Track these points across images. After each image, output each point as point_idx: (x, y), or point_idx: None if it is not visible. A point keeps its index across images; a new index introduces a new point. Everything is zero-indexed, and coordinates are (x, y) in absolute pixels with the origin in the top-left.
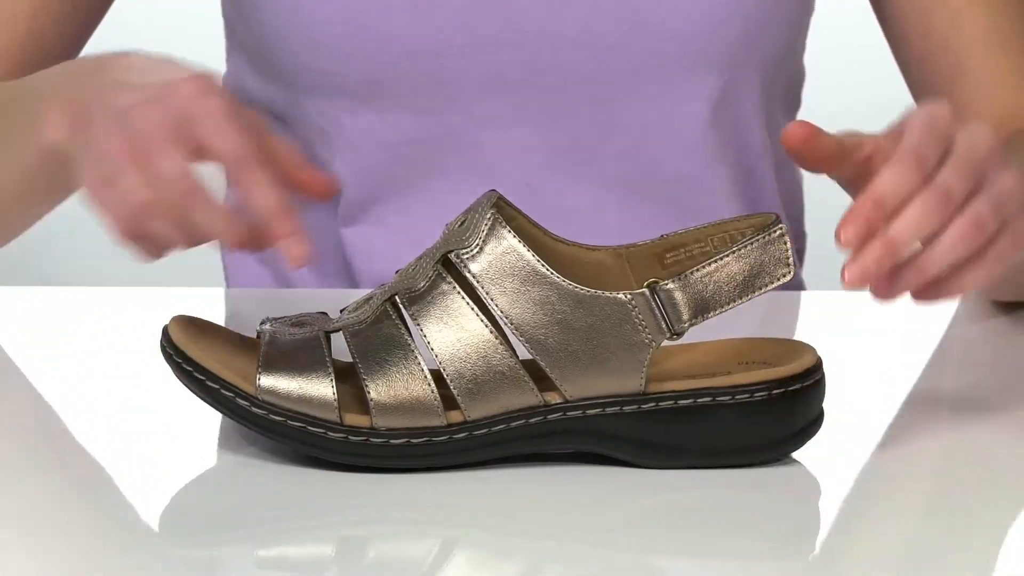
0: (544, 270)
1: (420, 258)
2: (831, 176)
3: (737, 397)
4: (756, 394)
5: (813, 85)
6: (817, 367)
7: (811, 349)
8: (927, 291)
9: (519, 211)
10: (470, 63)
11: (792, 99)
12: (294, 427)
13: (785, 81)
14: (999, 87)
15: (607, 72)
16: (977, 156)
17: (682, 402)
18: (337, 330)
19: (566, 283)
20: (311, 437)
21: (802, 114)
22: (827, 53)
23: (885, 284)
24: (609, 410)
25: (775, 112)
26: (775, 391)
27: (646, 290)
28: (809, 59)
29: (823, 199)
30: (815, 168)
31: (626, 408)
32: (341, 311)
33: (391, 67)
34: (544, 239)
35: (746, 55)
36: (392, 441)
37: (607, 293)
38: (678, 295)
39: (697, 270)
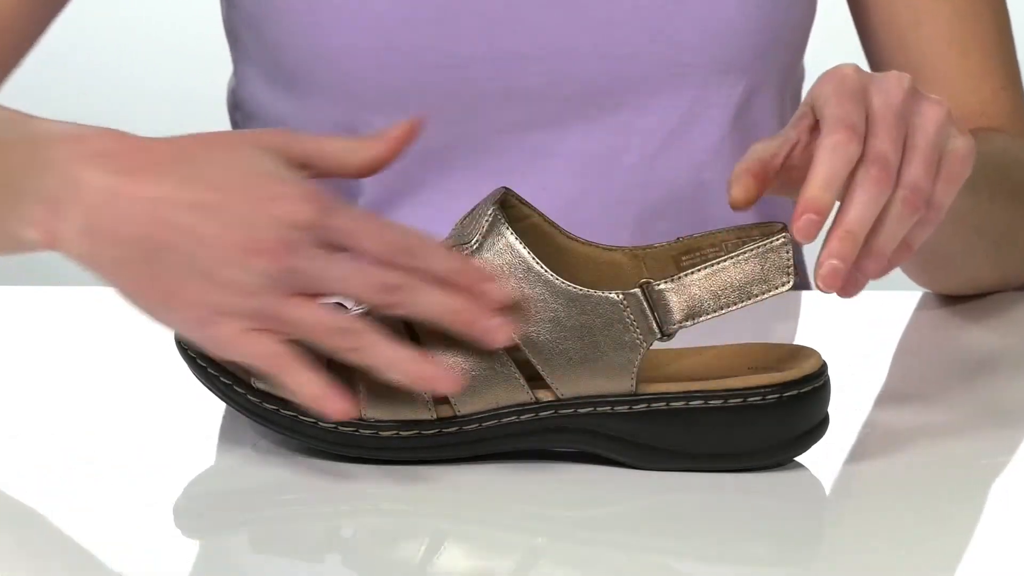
0: (538, 268)
1: None
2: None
3: (730, 401)
4: (750, 398)
5: (809, 82)
6: (818, 373)
7: (815, 355)
8: (886, 268)
9: (534, 209)
10: (490, 75)
11: (795, 99)
12: (286, 416)
13: (794, 83)
14: (955, 88)
15: (625, 83)
16: (895, 106)
17: (674, 404)
18: None
19: (559, 281)
20: (302, 426)
21: None
22: (823, 50)
23: (850, 281)
24: (600, 409)
25: (786, 114)
26: (770, 396)
27: (638, 290)
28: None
29: None
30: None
31: (617, 408)
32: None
33: (410, 80)
34: (559, 238)
35: (762, 61)
36: (381, 433)
37: (599, 292)
38: (670, 296)
39: (692, 273)
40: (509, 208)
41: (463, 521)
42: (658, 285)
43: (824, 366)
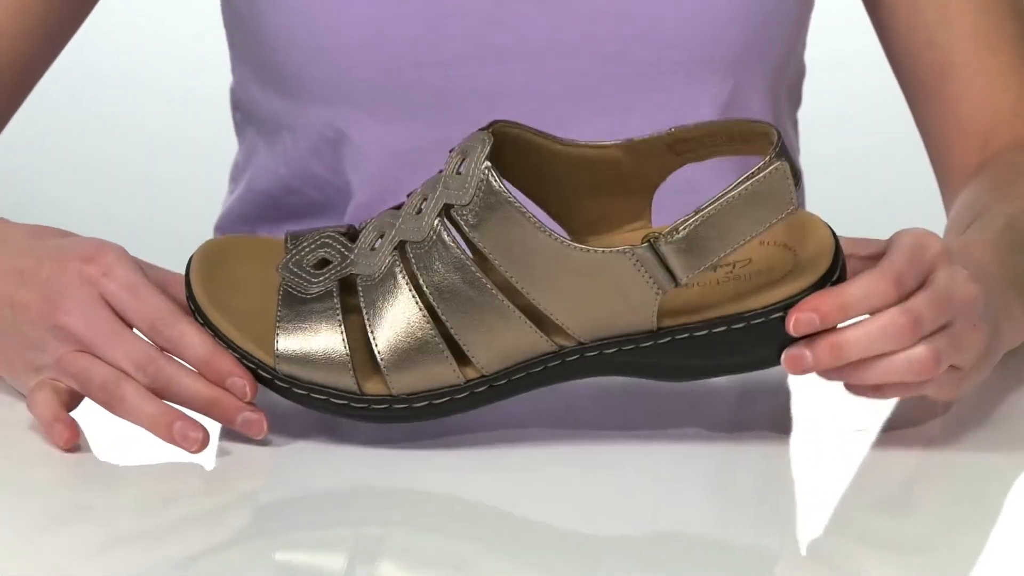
0: (545, 236)
1: (424, 197)
2: None
3: (753, 322)
4: (772, 315)
5: (812, 80)
6: (833, 267)
7: (825, 230)
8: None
9: (522, 126)
10: (477, 73)
11: (794, 96)
12: (317, 400)
13: (789, 79)
14: (987, 85)
15: (612, 80)
16: (954, 297)
17: (696, 334)
18: (351, 276)
19: (571, 246)
20: (334, 407)
21: (803, 110)
22: (825, 48)
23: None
24: (625, 348)
25: (781, 110)
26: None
27: (647, 246)
28: (807, 54)
29: (823, 198)
30: None
31: (642, 344)
32: (359, 230)
33: (397, 78)
34: (553, 146)
35: (751, 57)
36: (415, 405)
37: (610, 251)
38: (678, 249)
39: (695, 223)
40: (498, 145)
41: (485, 540)
42: (665, 243)
43: (838, 252)
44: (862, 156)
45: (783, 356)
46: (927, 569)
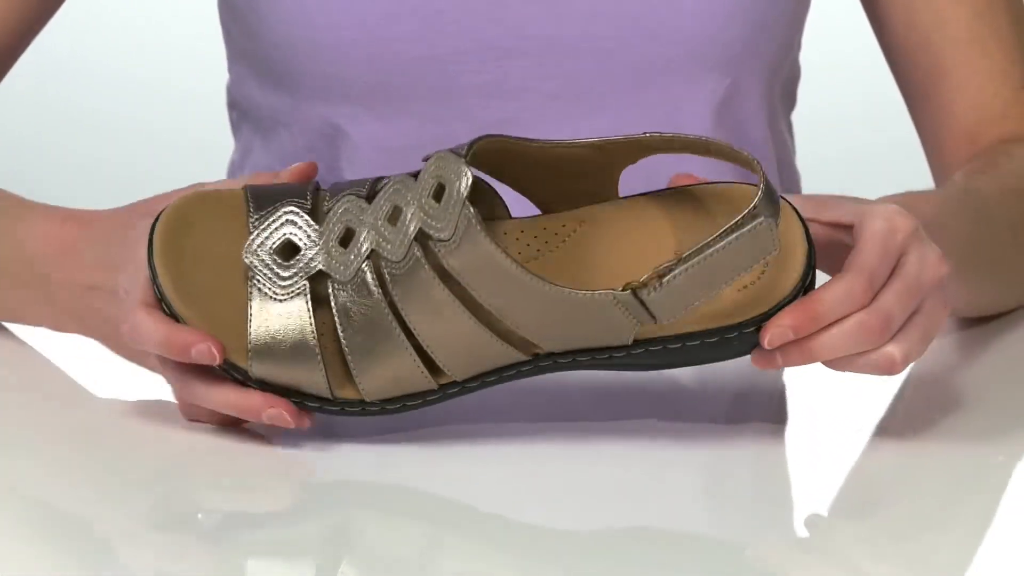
0: (521, 275)
1: (396, 205)
2: None
3: (727, 336)
4: (745, 330)
5: (809, 81)
6: (804, 276)
7: (801, 249)
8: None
9: (496, 136)
10: (474, 70)
11: (788, 97)
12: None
13: (784, 79)
14: (979, 90)
15: (609, 77)
16: (924, 282)
17: (671, 347)
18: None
19: (547, 286)
20: (306, 408)
21: (797, 111)
22: (820, 49)
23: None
24: (599, 357)
25: (776, 110)
26: (765, 323)
27: (629, 293)
28: (804, 56)
29: None
30: None
31: (616, 355)
32: (330, 193)
33: (395, 74)
34: (530, 150)
35: (748, 55)
36: (388, 407)
37: (590, 294)
38: (661, 298)
39: (677, 273)
40: (473, 155)
41: (463, 524)
42: (648, 293)
43: (808, 265)
44: (858, 157)
45: (752, 355)
46: (919, 560)
